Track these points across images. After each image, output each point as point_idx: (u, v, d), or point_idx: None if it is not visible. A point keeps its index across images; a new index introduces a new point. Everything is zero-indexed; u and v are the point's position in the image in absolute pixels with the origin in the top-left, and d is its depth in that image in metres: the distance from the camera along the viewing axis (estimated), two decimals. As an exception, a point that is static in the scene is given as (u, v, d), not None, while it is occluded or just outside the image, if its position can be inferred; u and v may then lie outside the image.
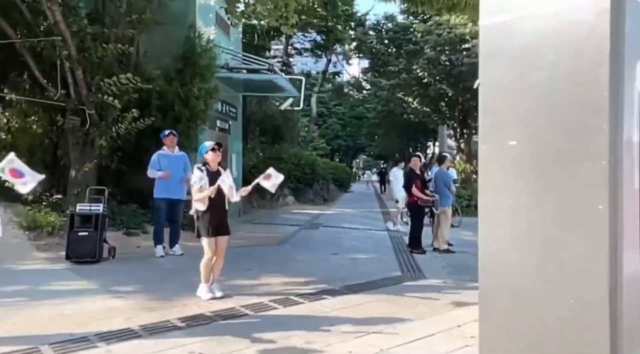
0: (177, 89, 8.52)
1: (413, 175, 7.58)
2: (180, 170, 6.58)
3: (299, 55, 26.01)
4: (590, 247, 1.50)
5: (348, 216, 14.25)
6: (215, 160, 4.55)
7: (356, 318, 4.04)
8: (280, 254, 7.23)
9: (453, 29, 16.40)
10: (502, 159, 1.72)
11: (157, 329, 3.60)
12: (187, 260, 6.32)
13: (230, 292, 4.67)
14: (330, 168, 25.14)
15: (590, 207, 1.50)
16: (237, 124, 12.80)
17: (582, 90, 1.52)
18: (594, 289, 1.49)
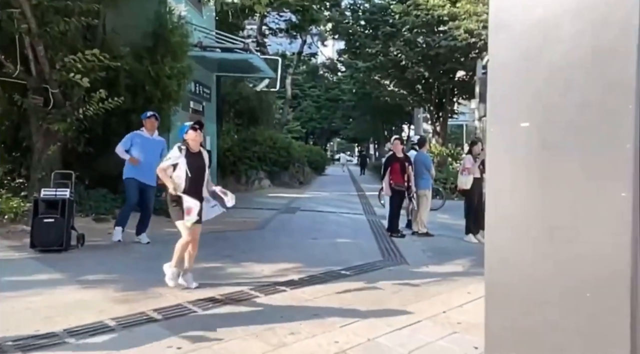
0: (147, 68, 8.11)
1: (393, 158, 7.48)
2: (155, 155, 6.18)
3: (274, 35, 25.44)
4: (611, 238, 1.39)
5: (325, 199, 14.16)
6: (196, 140, 4.24)
7: (340, 305, 3.94)
8: (259, 240, 7.06)
9: (431, 10, 16.25)
10: (513, 142, 1.59)
11: (132, 322, 3.39)
12: (162, 247, 6.07)
13: (209, 280, 4.48)
14: (306, 151, 24.96)
15: (611, 195, 1.38)
16: (211, 105, 12.41)
17: (605, 65, 1.39)
18: (614, 282, 1.39)
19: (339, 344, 3.10)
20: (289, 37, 26.13)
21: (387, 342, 3.17)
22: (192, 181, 4.19)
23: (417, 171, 7.58)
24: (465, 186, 7.12)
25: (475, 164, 7.08)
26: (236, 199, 4.58)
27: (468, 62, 17.06)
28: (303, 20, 22.12)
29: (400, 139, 8.01)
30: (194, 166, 4.20)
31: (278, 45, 28.23)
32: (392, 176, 7.35)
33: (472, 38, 15.41)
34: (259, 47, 18.92)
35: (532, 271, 1.56)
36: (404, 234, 7.49)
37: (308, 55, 36.42)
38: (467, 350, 3.07)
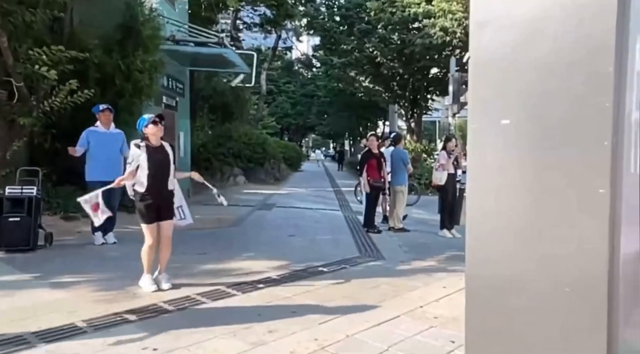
0: (118, 61, 7.86)
1: (369, 154, 7.51)
2: (115, 149, 5.99)
3: (248, 30, 25.12)
4: (589, 233, 1.42)
5: (301, 195, 14.13)
6: (156, 134, 4.03)
7: (318, 302, 3.92)
8: (235, 237, 6.98)
9: (406, 8, 16.36)
10: (494, 138, 1.60)
11: (105, 323, 3.29)
12: (137, 245, 5.93)
13: (184, 279, 4.40)
14: (281, 147, 24.84)
15: (590, 191, 1.41)
16: (184, 100, 12.17)
17: (584, 63, 1.41)
18: (592, 278, 1.42)
19: (318, 341, 3.09)
20: (263, 32, 25.85)
21: (366, 338, 3.18)
22: (155, 177, 3.98)
23: (394, 167, 7.63)
24: (440, 181, 7.21)
25: (449, 160, 7.18)
26: (210, 196, 4.49)
27: (442, 59, 17.25)
28: (278, 15, 21.90)
29: (376, 135, 8.04)
30: (156, 160, 3.98)
31: (253, 40, 27.91)
32: (369, 172, 7.38)
33: (446, 36, 15.61)
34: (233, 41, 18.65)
35: (512, 266, 1.58)
36: (381, 229, 7.54)
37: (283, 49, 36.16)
38: (444, 344, 3.11)
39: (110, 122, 6.12)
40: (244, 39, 25.35)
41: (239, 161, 17.08)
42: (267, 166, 19.25)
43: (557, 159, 1.47)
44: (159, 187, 4.02)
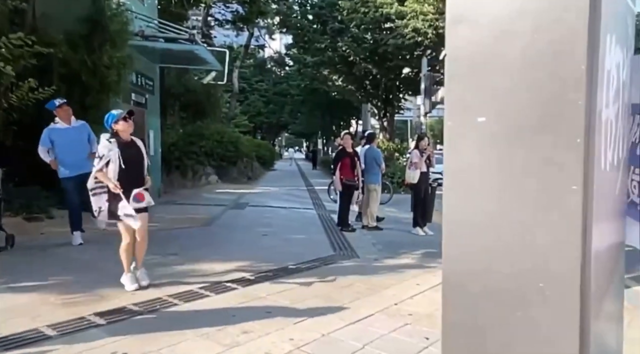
0: (83, 57, 7.59)
1: (343, 153, 7.52)
2: (82, 143, 5.79)
3: (220, 26, 24.77)
4: (562, 228, 1.44)
5: (274, 194, 14.04)
6: (127, 131, 3.95)
7: (293, 302, 3.89)
8: (207, 237, 6.86)
9: (379, 8, 16.48)
10: (470, 136, 1.60)
11: (71, 328, 3.16)
12: (104, 246, 5.75)
13: (155, 280, 4.28)
14: (254, 146, 24.63)
15: (563, 188, 1.43)
16: (154, 98, 11.89)
17: (558, 62, 1.43)
18: (565, 272, 1.44)
19: (294, 341, 3.06)
20: (235, 29, 25.54)
21: (342, 336, 3.17)
22: (128, 173, 3.88)
23: (367, 165, 7.67)
24: (413, 180, 7.29)
25: (422, 158, 7.27)
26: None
27: (414, 59, 17.49)
28: (250, 12, 21.68)
29: (350, 134, 8.06)
30: (128, 156, 3.89)
31: (225, 37, 27.54)
32: (342, 171, 7.38)
33: (418, 37, 15.81)
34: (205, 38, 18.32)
35: (488, 261, 1.58)
36: (355, 228, 7.56)
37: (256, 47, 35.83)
38: (419, 341, 3.14)
39: (70, 117, 5.88)
40: (215, 36, 24.98)
41: (211, 159, 16.82)
42: (239, 164, 19.05)
43: (531, 156, 1.48)
44: (133, 183, 3.91)
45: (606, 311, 1.87)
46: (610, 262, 1.93)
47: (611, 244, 1.90)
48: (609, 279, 1.91)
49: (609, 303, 1.94)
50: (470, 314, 1.63)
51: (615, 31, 1.69)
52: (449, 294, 1.68)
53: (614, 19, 1.65)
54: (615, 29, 1.69)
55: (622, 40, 1.82)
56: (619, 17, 1.78)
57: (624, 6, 1.88)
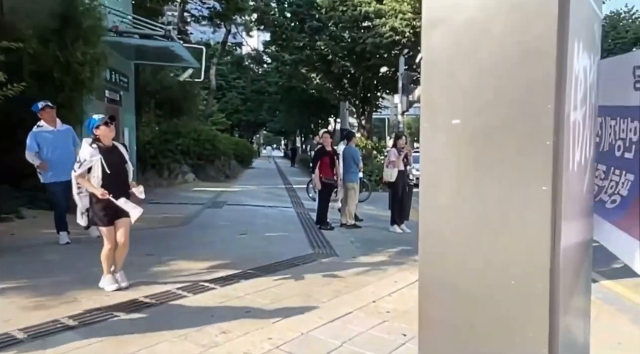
0: (55, 53, 7.39)
1: (322, 152, 7.54)
2: (67, 147, 5.70)
3: (196, 23, 24.43)
4: (533, 228, 1.49)
5: (253, 193, 13.97)
6: (108, 136, 3.98)
7: (272, 301, 3.90)
8: (184, 236, 6.78)
9: (357, 6, 16.54)
10: (445, 138, 1.63)
11: (43, 331, 3.09)
12: (77, 248, 5.63)
13: (131, 281, 4.21)
14: (232, 144, 24.41)
15: (533, 189, 1.48)
16: (129, 95, 11.67)
17: (529, 65, 1.47)
18: (535, 271, 1.49)
19: (273, 340, 3.07)
20: (212, 25, 25.23)
21: (321, 335, 3.19)
22: (112, 178, 3.91)
23: (345, 164, 7.71)
24: (391, 178, 7.37)
25: (399, 157, 7.35)
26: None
27: (391, 58, 17.63)
28: (227, 9, 21.45)
29: (329, 132, 8.10)
30: (111, 161, 3.92)
31: (201, 33, 27.16)
32: (321, 170, 7.41)
33: (396, 36, 15.94)
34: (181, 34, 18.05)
35: (461, 260, 1.63)
36: (333, 226, 7.60)
37: (233, 45, 35.47)
38: (396, 338, 3.18)
39: (55, 119, 5.78)
40: (191, 32, 24.61)
41: (187, 157, 16.60)
42: (217, 163, 18.85)
43: (503, 157, 1.53)
44: (116, 188, 3.92)
45: (575, 306, 1.95)
46: (578, 259, 2.00)
47: (579, 241, 1.97)
48: (577, 275, 1.98)
49: (577, 299, 2.01)
50: (446, 311, 1.67)
51: (583, 36, 1.75)
52: (425, 292, 1.72)
53: (581, 25, 1.71)
54: (583, 35, 1.75)
55: (589, 45, 1.89)
56: (586, 23, 1.84)
57: (591, 12, 1.94)
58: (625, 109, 2.52)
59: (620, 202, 2.53)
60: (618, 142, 2.60)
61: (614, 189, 2.60)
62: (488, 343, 1.59)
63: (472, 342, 1.63)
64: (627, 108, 2.50)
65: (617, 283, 4.67)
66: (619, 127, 2.58)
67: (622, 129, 2.55)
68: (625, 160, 2.54)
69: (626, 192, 2.49)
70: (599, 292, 4.24)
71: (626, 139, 2.53)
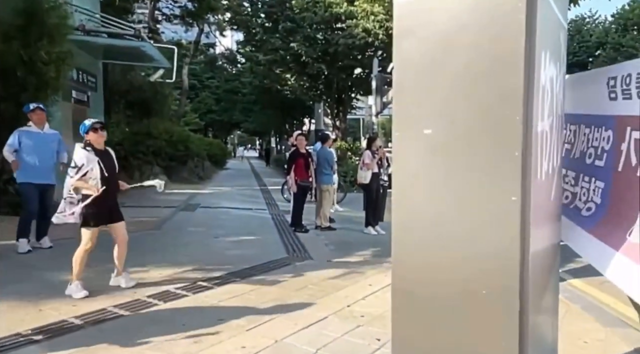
0: (19, 51, 7.11)
1: (297, 154, 7.51)
2: (51, 151, 5.60)
3: (168, 21, 23.98)
4: (503, 237, 1.51)
5: (227, 194, 13.81)
6: (98, 141, 4.00)
7: (246, 307, 3.85)
8: (155, 241, 6.63)
9: (329, 7, 16.56)
10: (416, 147, 1.64)
11: (6, 346, 2.95)
12: (46, 255, 5.43)
13: (99, 289, 4.09)
14: (205, 144, 24.07)
15: (503, 199, 1.50)
16: (97, 95, 11.35)
17: (498, 77, 1.49)
18: (506, 280, 1.51)
19: (246, 348, 3.03)
20: (184, 24, 24.81)
21: (295, 342, 3.17)
22: (107, 180, 3.93)
23: (319, 166, 7.70)
24: (365, 180, 7.40)
25: (374, 159, 7.39)
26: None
27: (365, 60, 17.73)
28: (199, 8, 21.15)
29: (304, 134, 8.06)
30: (106, 164, 3.97)
31: (173, 33, 26.68)
32: (296, 172, 7.38)
33: (369, 37, 16.04)
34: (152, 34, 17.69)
35: (434, 268, 1.64)
36: (308, 228, 7.58)
37: (206, 45, 35.01)
38: (370, 342, 3.19)
39: (44, 122, 5.64)
40: (163, 31, 24.17)
41: (159, 159, 16.26)
42: (190, 164, 18.55)
43: (473, 167, 1.54)
44: (110, 190, 3.98)
45: (544, 306, 1.99)
46: (547, 262, 2.05)
47: (548, 246, 2.02)
48: (546, 278, 2.03)
49: (546, 299, 2.06)
50: (419, 318, 1.68)
51: (549, 47, 1.79)
52: (398, 298, 1.73)
53: (548, 36, 1.74)
54: (549, 45, 1.79)
55: (555, 55, 1.94)
56: (552, 34, 1.89)
57: (556, 23, 1.99)
58: (600, 118, 2.60)
59: (595, 210, 2.60)
60: (590, 149, 2.68)
61: (586, 196, 2.67)
62: (461, 348, 1.61)
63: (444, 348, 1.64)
64: (602, 117, 2.58)
65: (582, 282, 4.81)
66: (593, 135, 2.65)
67: (596, 138, 2.62)
68: (596, 167, 2.62)
69: (599, 200, 2.56)
70: (565, 291, 4.36)
71: (598, 147, 2.60)
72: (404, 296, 1.71)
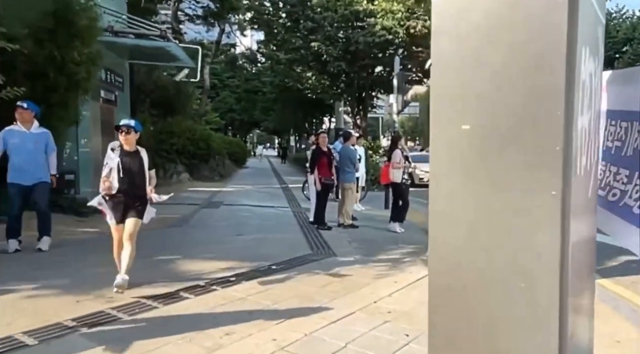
0: (51, 53, 7.32)
1: (320, 152, 7.56)
2: (38, 151, 5.51)
3: (190, 22, 24.32)
4: (543, 232, 1.52)
5: (248, 192, 13.96)
6: (125, 142, 4.05)
7: (273, 302, 3.91)
8: (181, 237, 6.78)
9: (349, 6, 16.56)
10: (455, 143, 1.66)
11: (49, 334, 3.08)
12: (67, 250, 5.61)
13: (131, 282, 4.20)
14: (225, 143, 24.35)
15: (544, 193, 1.51)
16: (124, 95, 11.60)
17: (539, 73, 1.51)
18: (546, 273, 1.52)
19: (277, 341, 3.09)
20: (206, 24, 25.13)
21: (324, 336, 3.21)
22: (124, 180, 4.01)
23: (342, 164, 7.73)
24: (397, 179, 7.42)
25: (402, 158, 7.42)
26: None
27: (385, 58, 17.69)
28: (221, 8, 21.39)
29: (326, 133, 8.11)
30: (127, 165, 4.03)
31: (196, 33, 27.06)
32: (320, 170, 7.43)
33: (389, 35, 15.98)
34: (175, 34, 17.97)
35: (471, 262, 1.66)
36: (330, 226, 7.62)
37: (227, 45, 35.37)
38: (399, 338, 3.21)
39: (30, 121, 5.56)
40: (185, 32, 24.52)
41: (182, 157, 16.55)
42: (211, 162, 18.81)
43: (513, 162, 1.56)
44: (129, 190, 4.05)
45: (582, 302, 1.98)
46: (585, 259, 2.04)
47: (586, 243, 2.01)
48: (584, 276, 2.02)
49: (584, 298, 2.05)
50: (456, 313, 1.70)
51: (589, 42, 1.78)
52: (435, 294, 1.75)
53: (587, 31, 1.74)
54: (589, 41, 1.78)
55: (594, 50, 1.93)
56: (592, 29, 1.88)
57: (595, 17, 1.98)
58: None
59: None
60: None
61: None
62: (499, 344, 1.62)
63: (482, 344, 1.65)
64: None
65: (613, 282, 4.74)
66: None
67: None
68: None
69: None
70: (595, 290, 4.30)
71: None
72: (441, 292, 1.73)
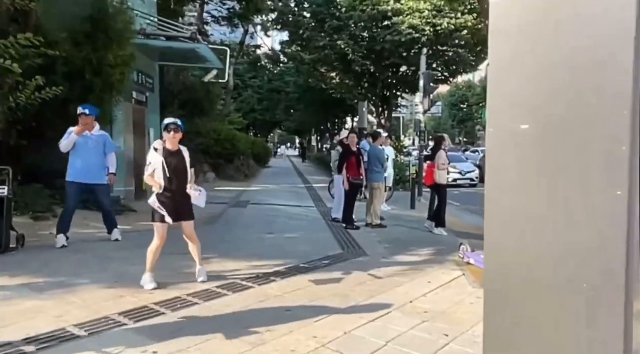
0: (88, 55, 7.57)
1: (349, 152, 7.58)
2: (98, 152, 5.93)
3: (216, 23, 24.65)
4: (608, 233, 1.51)
5: (274, 192, 14.09)
6: (169, 141, 4.20)
7: (310, 300, 3.96)
8: (213, 235, 6.88)
9: (377, 5, 16.53)
10: (512, 143, 1.67)
11: (99, 327, 3.20)
12: (116, 247, 5.79)
13: (171, 280, 4.32)
14: (249, 143, 24.61)
15: (608, 193, 1.50)
16: (154, 96, 11.86)
17: (604, 73, 1.49)
18: (610, 275, 1.51)
19: (318, 338, 3.13)
20: (230, 26, 25.44)
21: (364, 334, 3.24)
22: (171, 180, 4.12)
23: (370, 164, 7.74)
24: (444, 181, 7.40)
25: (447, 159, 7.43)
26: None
27: (411, 57, 17.57)
28: (247, 10, 21.61)
29: (355, 132, 8.13)
30: (171, 164, 4.13)
31: (221, 34, 27.41)
32: (348, 170, 7.46)
33: (415, 33, 15.89)
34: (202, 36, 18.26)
35: (530, 261, 1.65)
36: (359, 226, 7.63)
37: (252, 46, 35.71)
38: (438, 338, 3.21)
39: (91, 125, 5.93)
40: (212, 33, 24.85)
41: (208, 157, 16.82)
42: (236, 162, 19.06)
43: (574, 161, 1.55)
44: (174, 189, 4.15)
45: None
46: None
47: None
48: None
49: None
50: (513, 315, 1.70)
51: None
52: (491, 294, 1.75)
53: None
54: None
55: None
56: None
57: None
58: None
59: None
60: None
61: None
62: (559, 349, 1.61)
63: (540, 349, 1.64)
64: None
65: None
66: None
67: None
68: None
69: None
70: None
71: None
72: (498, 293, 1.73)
